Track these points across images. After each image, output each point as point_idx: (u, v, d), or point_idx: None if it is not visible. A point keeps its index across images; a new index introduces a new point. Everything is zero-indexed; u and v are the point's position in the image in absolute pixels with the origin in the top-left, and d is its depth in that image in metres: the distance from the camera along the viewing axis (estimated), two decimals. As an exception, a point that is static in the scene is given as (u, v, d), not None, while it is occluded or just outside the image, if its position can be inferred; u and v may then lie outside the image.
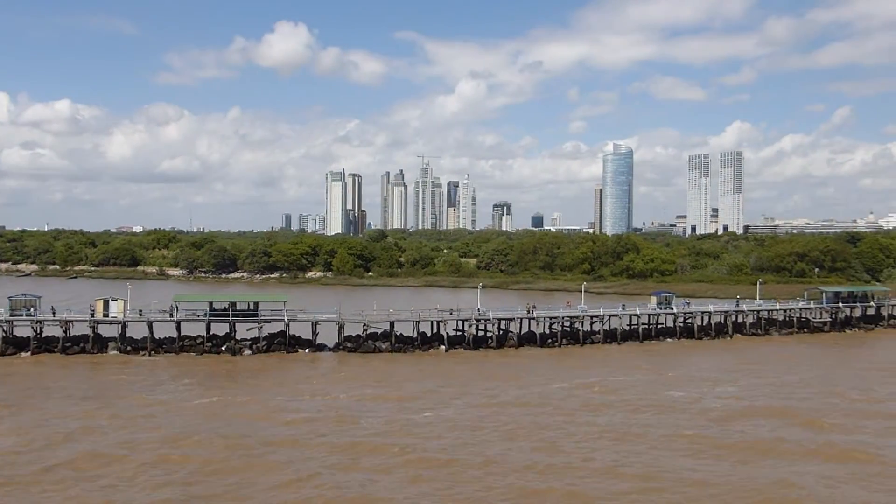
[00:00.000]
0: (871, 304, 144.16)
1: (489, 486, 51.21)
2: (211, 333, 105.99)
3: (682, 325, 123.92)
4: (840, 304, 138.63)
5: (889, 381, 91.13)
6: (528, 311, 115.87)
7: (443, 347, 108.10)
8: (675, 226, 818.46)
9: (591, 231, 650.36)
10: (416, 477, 52.64)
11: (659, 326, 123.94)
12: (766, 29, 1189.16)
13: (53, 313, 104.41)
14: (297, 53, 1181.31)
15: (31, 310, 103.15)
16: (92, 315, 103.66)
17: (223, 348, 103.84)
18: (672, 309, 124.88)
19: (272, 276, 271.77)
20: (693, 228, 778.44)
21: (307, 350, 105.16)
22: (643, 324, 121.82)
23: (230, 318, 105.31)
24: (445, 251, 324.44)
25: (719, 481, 52.44)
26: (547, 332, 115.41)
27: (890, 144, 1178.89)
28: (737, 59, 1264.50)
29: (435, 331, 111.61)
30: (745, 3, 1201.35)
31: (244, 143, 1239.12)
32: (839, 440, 63.56)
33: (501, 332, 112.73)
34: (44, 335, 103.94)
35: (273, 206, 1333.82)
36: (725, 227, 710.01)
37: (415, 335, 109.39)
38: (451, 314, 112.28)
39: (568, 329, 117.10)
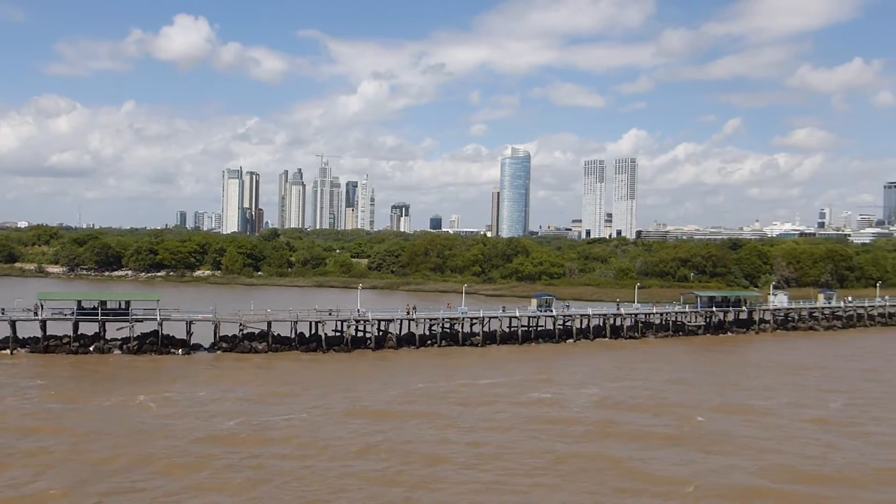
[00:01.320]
0: (744, 308, 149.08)
1: (344, 485, 51.18)
2: (79, 333, 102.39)
3: (561, 327, 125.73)
4: (714, 309, 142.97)
5: (750, 381, 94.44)
6: (408, 313, 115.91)
7: (320, 349, 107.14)
8: (570, 230, 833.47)
9: (488, 233, 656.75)
10: (262, 481, 51.99)
11: (539, 329, 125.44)
12: (663, 40, 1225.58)
13: None
14: (197, 47, 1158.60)
15: None
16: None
17: (91, 348, 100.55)
18: (552, 311, 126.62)
19: (159, 274, 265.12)
20: (588, 233, 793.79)
21: (181, 350, 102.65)
22: (523, 326, 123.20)
23: (99, 318, 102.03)
24: (338, 251, 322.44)
25: (567, 468, 53.63)
26: (427, 333, 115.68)
27: (777, 155, 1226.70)
28: (634, 69, 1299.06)
29: (313, 331, 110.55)
30: (642, 13, 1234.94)
31: (139, 138, 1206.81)
32: (691, 430, 66.37)
33: (381, 332, 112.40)
34: None
35: (168, 202, 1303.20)
36: (619, 232, 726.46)
37: (293, 336, 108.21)
38: (329, 315, 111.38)
39: (448, 330, 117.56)
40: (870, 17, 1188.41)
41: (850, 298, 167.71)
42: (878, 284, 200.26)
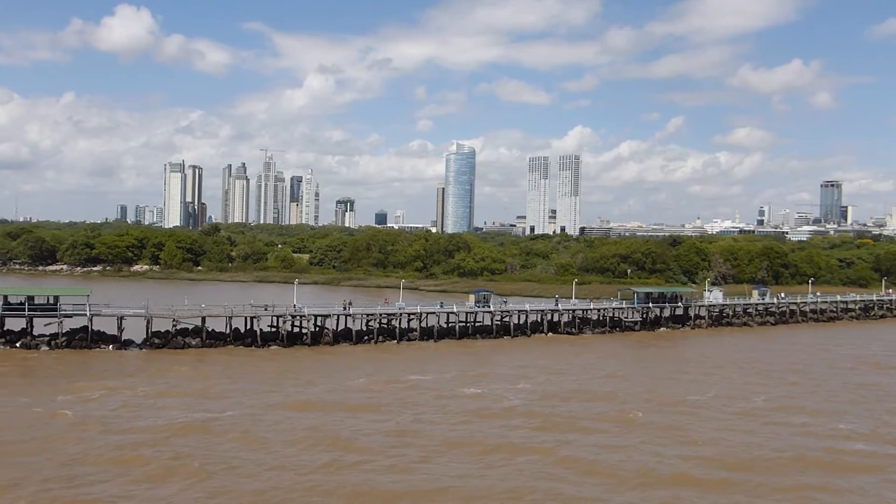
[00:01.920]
0: (680, 304, 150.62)
1: (274, 485, 50.88)
2: (5, 329, 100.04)
3: (499, 323, 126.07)
4: (650, 305, 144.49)
5: (683, 375, 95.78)
6: (345, 308, 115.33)
7: (256, 344, 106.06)
8: (514, 226, 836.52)
9: (433, 229, 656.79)
10: (194, 484, 51.31)
11: (477, 324, 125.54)
12: (608, 38, 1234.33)
13: None
14: (139, 39, 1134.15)
15: None
16: None
17: (18, 344, 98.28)
18: (489, 307, 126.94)
19: (95, 269, 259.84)
20: (532, 229, 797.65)
21: (111, 346, 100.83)
22: (460, 322, 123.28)
23: (26, 313, 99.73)
24: (280, 246, 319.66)
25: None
26: (364, 328, 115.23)
27: (718, 154, 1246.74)
28: (579, 66, 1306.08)
29: (249, 327, 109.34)
30: (587, 12, 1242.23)
31: (78, 130, 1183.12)
32: (627, 423, 67.03)
33: (317, 328, 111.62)
34: None
35: (110, 196, 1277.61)
36: (563, 229, 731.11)
37: (227, 331, 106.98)
38: (265, 310, 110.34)
39: (385, 326, 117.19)
40: (808, 20, 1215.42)
41: (782, 295, 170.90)
42: (810, 281, 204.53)
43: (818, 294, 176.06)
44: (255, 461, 55.03)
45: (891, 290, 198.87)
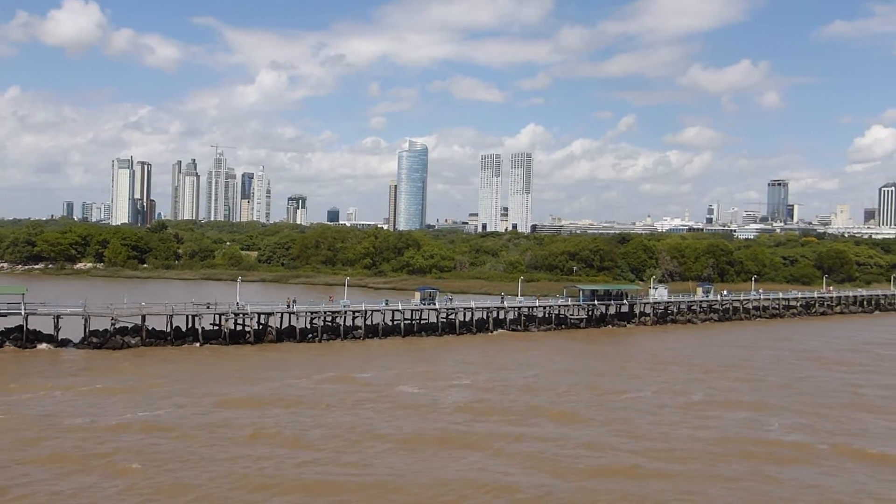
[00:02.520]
0: (625, 301, 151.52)
1: (218, 484, 50.33)
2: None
3: (444, 320, 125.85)
4: (596, 302, 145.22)
5: (626, 372, 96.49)
6: (288, 306, 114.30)
7: (197, 343, 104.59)
8: (467, 223, 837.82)
9: (385, 227, 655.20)
10: (135, 484, 50.39)
11: (422, 322, 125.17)
12: (561, 37, 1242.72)
13: None
14: (87, 33, 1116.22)
15: None
16: None
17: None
18: (435, 304, 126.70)
19: (36, 266, 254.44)
20: (484, 226, 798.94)
21: (47, 345, 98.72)
22: (406, 319, 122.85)
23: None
24: (228, 243, 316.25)
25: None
26: (308, 326, 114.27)
27: (669, 153, 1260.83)
28: (533, 65, 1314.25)
29: (190, 325, 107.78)
30: (541, 10, 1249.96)
31: (24, 125, 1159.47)
32: (569, 418, 67.07)
33: (260, 326, 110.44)
34: None
35: (57, 193, 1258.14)
36: (515, 226, 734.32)
37: (168, 329, 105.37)
38: (207, 308, 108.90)
39: (329, 324, 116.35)
40: (757, 21, 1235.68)
41: (725, 292, 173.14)
42: (753, 279, 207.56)
43: (761, 291, 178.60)
44: (199, 460, 54.42)
45: (831, 288, 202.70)
